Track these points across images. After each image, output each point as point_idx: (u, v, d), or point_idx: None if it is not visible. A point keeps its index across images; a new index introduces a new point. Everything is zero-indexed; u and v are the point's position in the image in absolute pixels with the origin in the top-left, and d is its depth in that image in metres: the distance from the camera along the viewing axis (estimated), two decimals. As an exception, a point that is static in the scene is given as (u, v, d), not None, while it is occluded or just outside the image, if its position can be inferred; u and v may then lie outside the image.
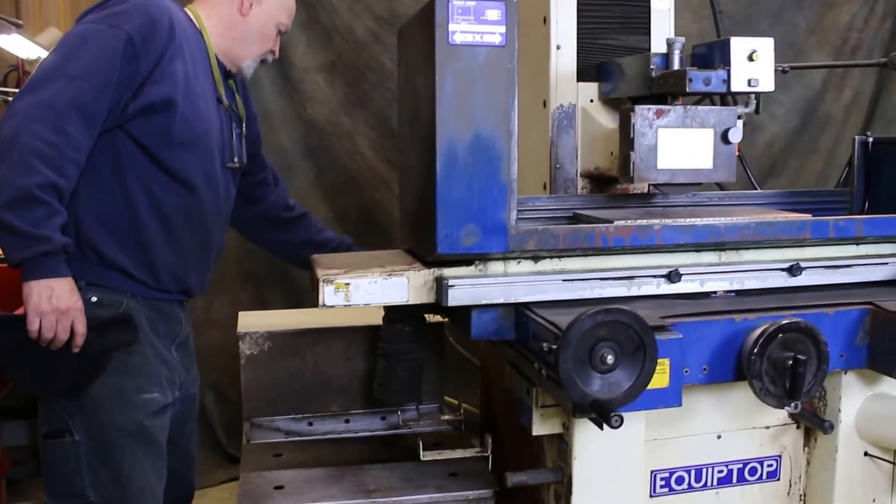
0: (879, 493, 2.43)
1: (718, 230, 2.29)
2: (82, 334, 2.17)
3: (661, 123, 2.44)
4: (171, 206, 2.32)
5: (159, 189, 2.30)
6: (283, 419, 2.86)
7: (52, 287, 2.12)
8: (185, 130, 2.29)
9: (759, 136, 4.53)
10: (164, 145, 2.27)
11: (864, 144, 2.95)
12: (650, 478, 2.32)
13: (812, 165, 4.63)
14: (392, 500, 2.31)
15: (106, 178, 2.25)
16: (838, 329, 2.21)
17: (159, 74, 2.23)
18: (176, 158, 2.29)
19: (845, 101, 4.66)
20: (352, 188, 4.22)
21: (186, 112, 2.28)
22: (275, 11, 2.55)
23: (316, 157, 4.19)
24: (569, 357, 1.81)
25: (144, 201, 2.28)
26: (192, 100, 2.31)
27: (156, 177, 2.29)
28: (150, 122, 2.25)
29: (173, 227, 2.34)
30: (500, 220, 2.10)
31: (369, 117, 4.17)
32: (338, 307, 2.16)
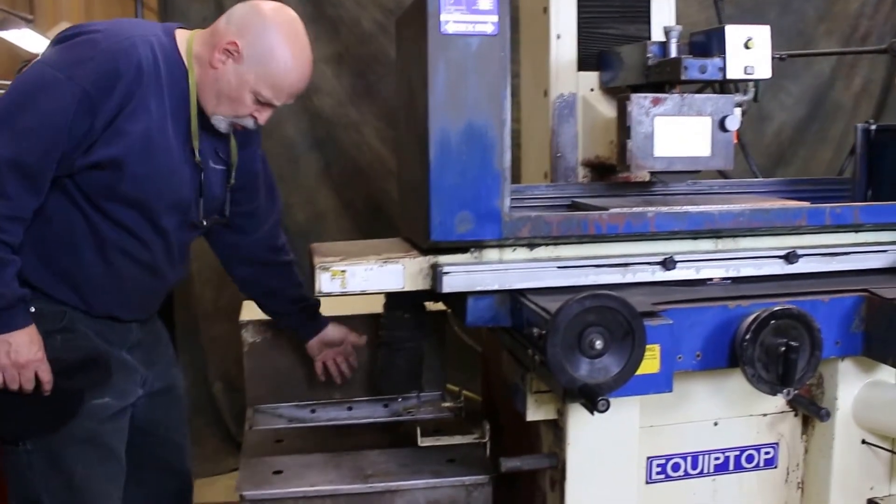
0: (877, 481, 2.44)
1: (713, 217, 2.31)
2: (48, 381, 2.17)
3: (657, 111, 2.46)
4: (120, 255, 2.25)
5: (107, 236, 2.22)
6: (286, 406, 2.90)
7: (9, 342, 2.09)
8: (134, 189, 2.16)
9: (767, 125, 4.52)
10: (107, 199, 2.17)
11: (866, 132, 2.94)
12: (646, 464, 2.34)
13: (821, 154, 4.61)
14: (389, 484, 2.35)
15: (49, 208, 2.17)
16: (833, 316, 2.22)
17: (112, 132, 2.09)
18: (122, 212, 2.20)
19: (855, 90, 4.63)
20: (359, 179, 4.25)
21: (139, 171, 2.14)
22: (251, 78, 2.19)
23: (323, 148, 4.22)
24: (557, 342, 1.84)
25: (90, 244, 2.22)
26: (151, 158, 2.15)
27: (103, 224, 2.20)
28: (96, 177, 2.13)
29: (120, 273, 2.27)
30: (494, 207, 2.13)
31: (376, 108, 4.20)
32: (334, 294, 2.20)
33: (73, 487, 2.26)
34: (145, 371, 2.47)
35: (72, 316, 2.25)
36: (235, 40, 2.17)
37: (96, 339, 2.29)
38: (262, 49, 2.18)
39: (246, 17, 2.20)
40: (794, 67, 4.41)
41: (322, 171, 4.24)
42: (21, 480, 2.26)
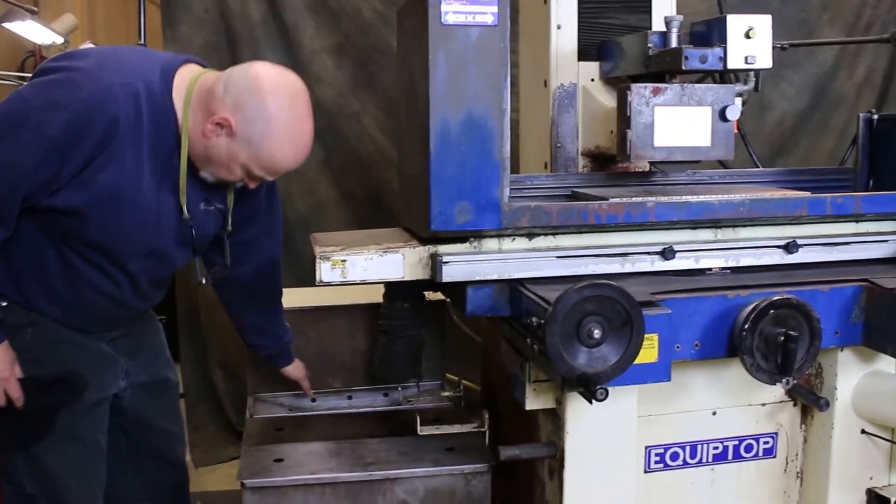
0: (877, 471, 2.45)
1: (713, 207, 2.31)
2: (17, 398, 2.19)
3: (657, 101, 2.46)
4: (88, 287, 2.23)
5: (76, 266, 2.20)
6: (286, 395, 2.92)
7: None
8: (98, 236, 2.13)
9: (769, 114, 4.52)
10: (73, 240, 2.15)
11: (868, 122, 2.94)
12: (645, 454, 2.36)
13: (823, 144, 4.60)
14: (388, 472, 2.36)
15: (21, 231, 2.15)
16: (833, 306, 2.23)
17: (79, 182, 2.03)
18: (87, 252, 2.18)
19: (858, 79, 4.62)
20: (359, 169, 4.26)
21: (103, 221, 2.09)
22: (243, 156, 2.10)
23: (323, 138, 4.22)
24: (556, 331, 1.85)
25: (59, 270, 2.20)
26: (117, 210, 2.08)
27: (71, 255, 2.19)
28: (60, 220, 2.10)
29: (89, 302, 2.26)
30: (493, 197, 2.14)
31: (377, 99, 4.20)
32: (334, 283, 2.21)
33: (46, 477, 2.29)
34: (127, 361, 2.45)
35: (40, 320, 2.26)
36: (229, 117, 2.05)
37: (69, 331, 2.28)
38: (256, 130, 2.07)
39: (243, 91, 2.07)
40: (797, 57, 4.41)
41: (322, 161, 4.25)
42: (9, 472, 2.31)
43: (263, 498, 2.32)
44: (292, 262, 4.14)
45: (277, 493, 2.33)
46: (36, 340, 2.26)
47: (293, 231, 4.21)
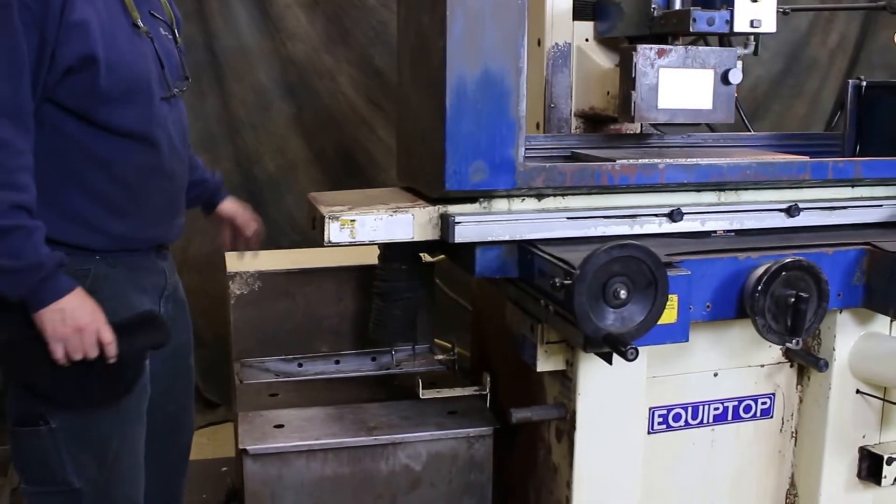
0: (869, 430, 2.55)
1: (721, 170, 2.36)
2: (111, 342, 2.05)
3: (662, 63, 2.49)
4: (124, 166, 2.13)
5: (105, 151, 2.10)
6: (273, 360, 2.91)
7: (62, 308, 2.00)
8: (115, 81, 2.05)
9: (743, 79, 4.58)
10: (94, 104, 2.05)
11: (857, 88, 3.03)
12: (648, 415, 2.41)
13: (796, 110, 4.71)
14: (393, 437, 2.38)
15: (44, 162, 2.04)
16: (836, 268, 2.30)
17: (66, 31, 1.97)
18: (112, 114, 2.08)
19: (831, 45, 4.73)
20: (331, 127, 4.22)
21: (111, 59, 2.04)
22: None
23: (295, 95, 4.18)
24: (584, 291, 1.88)
25: (92, 169, 2.09)
26: (112, 43, 2.05)
27: (97, 139, 2.08)
28: (72, 84, 2.01)
29: (130, 187, 2.15)
30: (509, 156, 2.15)
31: (351, 55, 4.16)
32: (342, 244, 2.20)
33: (105, 462, 2.16)
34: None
35: (98, 273, 2.13)
36: None
37: (129, 293, 2.19)
38: None
39: None
40: (771, 21, 4.49)
41: (293, 118, 4.20)
42: (42, 462, 2.13)
43: (265, 465, 2.32)
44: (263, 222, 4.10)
45: (279, 459, 2.32)
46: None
47: (262, 191, 4.17)
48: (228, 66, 4.07)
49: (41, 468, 2.13)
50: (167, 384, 2.36)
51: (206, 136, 4.09)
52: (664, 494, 2.49)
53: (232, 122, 4.13)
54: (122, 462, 2.19)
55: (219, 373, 3.97)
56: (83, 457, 2.13)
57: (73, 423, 2.11)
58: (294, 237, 4.13)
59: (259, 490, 2.35)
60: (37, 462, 2.13)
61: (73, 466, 2.12)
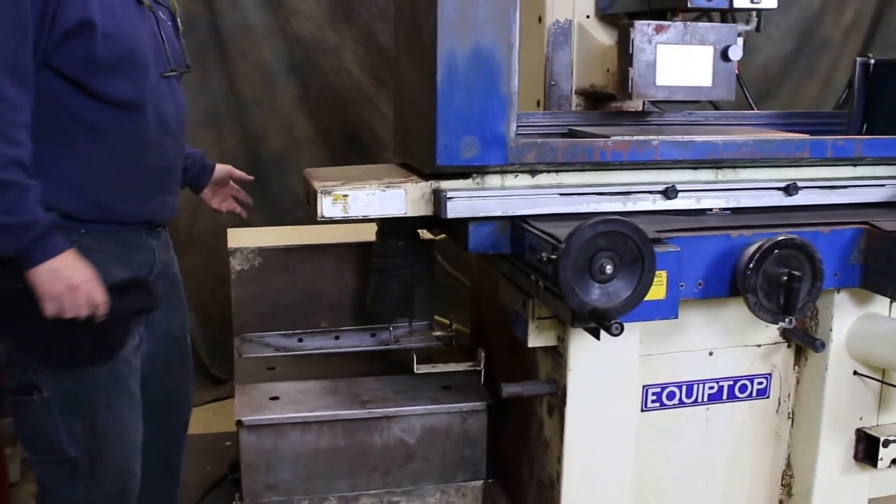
0: (866, 411, 2.57)
1: (717, 147, 2.38)
2: (103, 303, 2.09)
3: (660, 39, 2.51)
4: (116, 137, 2.15)
5: (98, 121, 2.12)
6: (273, 335, 2.97)
7: (55, 267, 2.02)
8: (110, 50, 2.07)
9: (754, 58, 4.59)
10: (89, 72, 2.07)
11: (865, 66, 3.02)
12: (642, 393, 2.44)
13: (807, 89, 4.70)
14: (386, 410, 2.43)
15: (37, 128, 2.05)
16: (833, 248, 2.31)
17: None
18: (106, 83, 2.10)
19: (845, 24, 4.71)
20: (337, 105, 4.26)
21: (107, 28, 2.06)
22: None
23: (300, 73, 4.22)
24: (568, 266, 1.91)
25: (84, 138, 2.11)
26: (111, 12, 2.08)
27: (90, 108, 2.11)
28: (69, 49, 2.04)
29: (121, 159, 2.17)
30: (500, 132, 2.18)
31: (356, 33, 4.19)
32: (335, 219, 2.24)
33: (96, 432, 2.20)
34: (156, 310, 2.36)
35: (83, 245, 2.13)
36: None
37: (114, 268, 2.19)
38: None
39: None
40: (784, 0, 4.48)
41: (299, 96, 4.25)
42: (39, 431, 2.19)
43: (260, 436, 2.38)
44: (267, 201, 4.17)
45: (274, 430, 2.38)
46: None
47: (268, 169, 4.22)
48: (233, 44, 4.11)
49: (39, 437, 2.19)
50: (163, 363, 2.40)
51: (212, 114, 4.14)
52: (658, 473, 2.52)
53: (237, 100, 4.18)
54: (111, 433, 2.22)
55: (225, 349, 4.02)
56: (75, 425, 2.17)
57: (63, 391, 2.15)
58: (299, 214, 4.17)
59: (255, 461, 2.42)
60: (34, 431, 2.19)
61: (67, 435, 2.17)
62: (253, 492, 2.42)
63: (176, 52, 2.34)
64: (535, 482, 2.50)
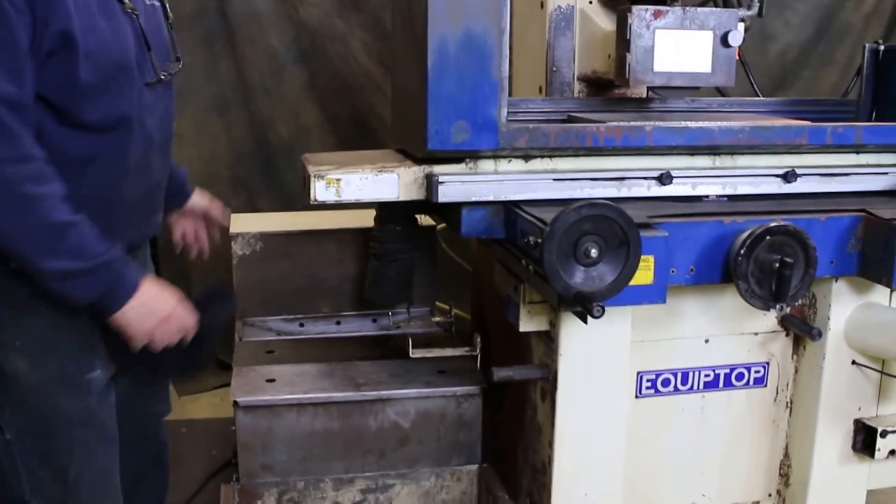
0: (865, 402, 2.58)
1: (712, 133, 2.41)
2: (193, 325, 2.05)
3: (658, 25, 2.55)
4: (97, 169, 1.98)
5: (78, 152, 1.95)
6: (274, 319, 3.03)
7: (142, 301, 1.93)
8: (92, 72, 1.89)
9: (771, 45, 4.60)
10: (71, 96, 1.89)
11: (874, 53, 3.02)
12: (636, 379, 2.48)
13: (826, 77, 4.70)
14: (380, 393, 2.49)
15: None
16: (829, 235, 2.33)
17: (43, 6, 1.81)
18: (88, 109, 1.92)
19: (866, 10, 4.69)
20: (345, 92, 4.32)
21: (89, 44, 1.88)
22: None
23: (308, 60, 4.28)
24: (553, 249, 1.96)
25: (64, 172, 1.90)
26: (89, 23, 1.89)
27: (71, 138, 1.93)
28: (51, 70, 1.85)
29: (102, 191, 2.01)
30: (491, 116, 2.23)
31: (364, 19, 4.25)
32: (328, 203, 2.30)
33: (66, 479, 2.05)
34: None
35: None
36: None
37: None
38: None
39: None
40: (803, -15, 4.50)
41: (306, 83, 4.31)
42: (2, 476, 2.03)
43: (256, 417, 2.45)
44: (276, 187, 4.25)
45: (270, 412, 2.45)
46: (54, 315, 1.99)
47: (276, 156, 4.30)
48: (241, 31, 4.18)
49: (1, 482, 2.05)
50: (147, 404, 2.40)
51: (220, 101, 4.23)
52: (653, 460, 2.56)
53: (245, 87, 4.26)
54: (84, 482, 2.09)
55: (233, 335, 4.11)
56: (41, 472, 2.04)
57: (30, 436, 2.02)
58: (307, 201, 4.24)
59: (251, 441, 2.49)
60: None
61: (29, 482, 2.03)
62: (249, 472, 2.49)
63: (165, 50, 2.19)
64: (529, 467, 2.56)
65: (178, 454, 2.87)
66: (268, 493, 2.50)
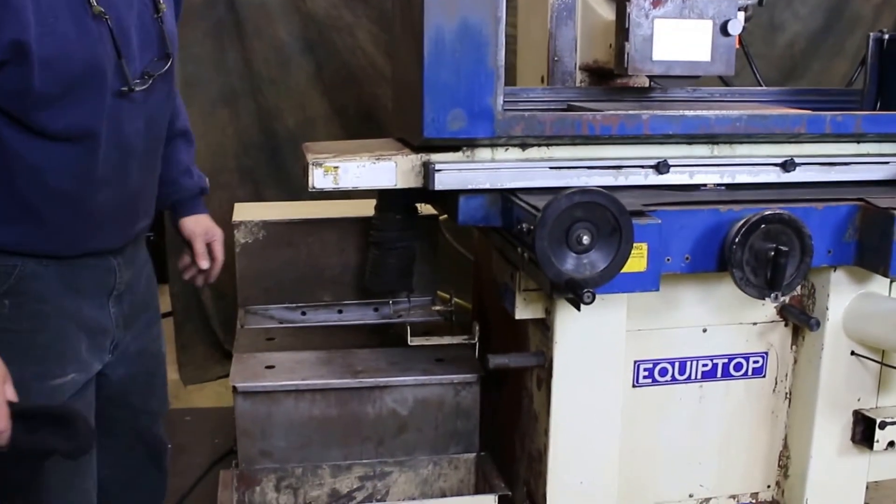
0: (865, 393, 2.59)
1: (709, 121, 2.43)
2: (3, 431, 1.76)
3: (657, 13, 2.57)
4: (61, 176, 1.92)
5: (40, 160, 1.89)
6: (276, 308, 3.08)
7: None
8: (50, 80, 1.82)
9: (779, 35, 4.59)
10: (26, 107, 1.84)
11: (879, 42, 3.01)
12: (633, 368, 2.50)
13: (836, 68, 4.68)
14: (378, 380, 2.53)
15: None
16: (827, 224, 2.34)
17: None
18: (45, 118, 1.86)
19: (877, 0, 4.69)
20: (352, 84, 4.35)
21: (46, 52, 1.80)
22: None
23: (315, 51, 4.31)
24: (545, 236, 1.99)
25: (25, 179, 1.89)
26: (50, 30, 1.80)
27: (31, 146, 1.88)
28: (3, 79, 1.79)
29: (68, 198, 1.95)
30: (487, 105, 2.26)
31: (371, 11, 4.28)
32: (326, 190, 2.34)
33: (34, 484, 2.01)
34: (122, 332, 2.21)
35: (24, 271, 1.96)
36: None
37: (63, 295, 2.01)
38: None
39: None
40: (812, -25, 4.49)
41: (313, 75, 4.35)
42: None
43: (255, 403, 2.49)
44: (282, 177, 4.29)
45: (268, 398, 2.49)
46: (14, 315, 1.96)
47: (282, 146, 4.34)
48: (249, 22, 4.21)
49: None
50: (143, 382, 2.33)
51: (228, 92, 4.26)
52: (650, 449, 2.58)
53: (252, 78, 4.29)
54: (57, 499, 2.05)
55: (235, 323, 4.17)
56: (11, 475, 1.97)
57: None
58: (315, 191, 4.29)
59: (249, 427, 2.53)
60: None
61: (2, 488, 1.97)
62: (248, 458, 2.54)
63: (151, 49, 2.08)
64: (525, 455, 2.59)
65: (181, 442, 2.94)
66: (266, 478, 2.54)
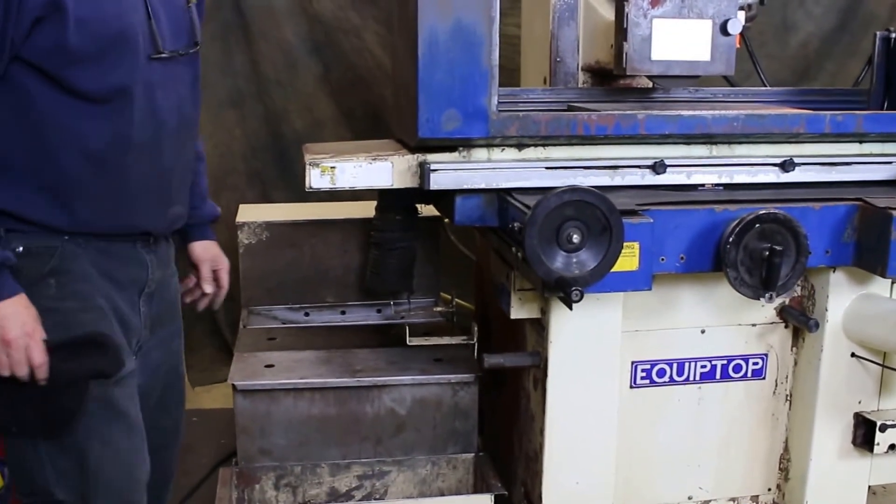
0: (866, 395, 2.60)
1: (706, 121, 2.45)
2: (40, 364, 1.92)
3: (656, 13, 2.60)
4: (97, 140, 1.98)
5: (75, 122, 1.96)
6: (280, 308, 3.12)
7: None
8: (85, 39, 1.90)
9: (792, 36, 4.59)
10: (62, 64, 1.91)
11: (885, 41, 3.02)
12: (631, 369, 2.53)
13: (851, 69, 4.65)
14: (376, 380, 2.58)
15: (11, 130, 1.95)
16: (825, 225, 2.36)
17: None
18: (81, 77, 1.93)
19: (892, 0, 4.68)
20: (359, 86, 4.40)
21: (82, 11, 1.88)
22: None
23: (322, 53, 4.37)
24: (535, 234, 2.02)
25: (62, 143, 1.96)
26: None
27: (67, 107, 1.94)
28: (39, 36, 1.87)
29: (105, 166, 2.01)
30: (481, 105, 2.30)
31: (378, 12, 4.32)
32: (323, 189, 2.39)
33: (87, 469, 2.05)
34: (147, 334, 2.24)
35: (65, 252, 2.02)
36: None
37: (99, 281, 2.06)
38: None
39: None
40: (825, -26, 4.50)
41: (321, 76, 4.40)
42: (25, 470, 2.07)
43: (254, 401, 2.55)
44: (290, 179, 4.35)
45: (267, 396, 2.55)
46: (60, 294, 2.02)
47: (290, 148, 4.39)
48: (256, 24, 4.27)
49: (26, 477, 2.09)
50: (158, 397, 2.33)
51: (235, 94, 4.32)
52: (648, 450, 2.61)
53: (260, 80, 4.35)
54: (105, 469, 2.09)
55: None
56: (63, 464, 2.05)
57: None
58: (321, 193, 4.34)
59: (248, 425, 2.59)
60: (21, 470, 2.09)
61: (54, 475, 2.05)
62: (248, 455, 2.59)
63: (181, 30, 2.16)
64: (523, 456, 2.63)
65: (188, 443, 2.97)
66: (265, 476, 2.59)
